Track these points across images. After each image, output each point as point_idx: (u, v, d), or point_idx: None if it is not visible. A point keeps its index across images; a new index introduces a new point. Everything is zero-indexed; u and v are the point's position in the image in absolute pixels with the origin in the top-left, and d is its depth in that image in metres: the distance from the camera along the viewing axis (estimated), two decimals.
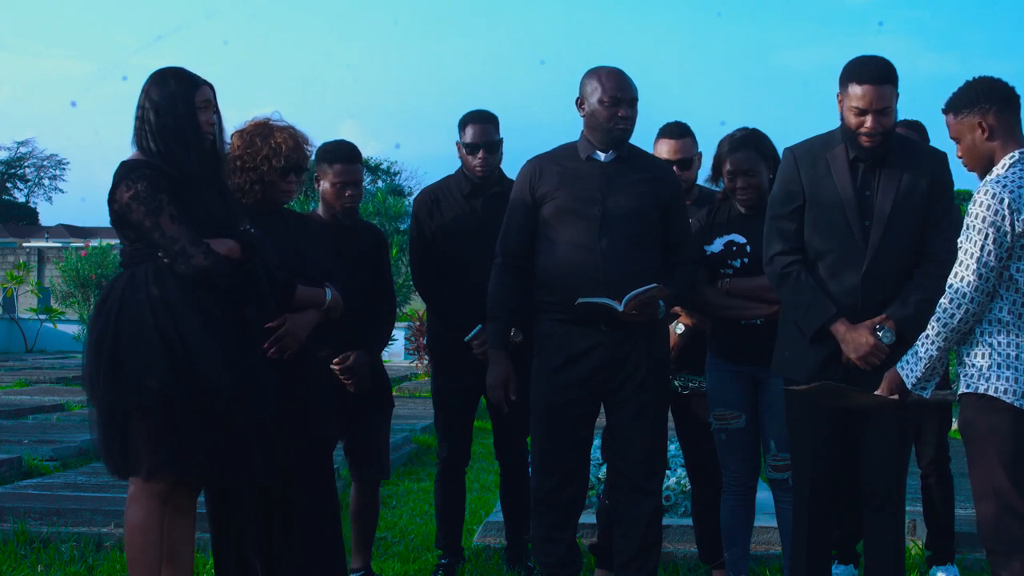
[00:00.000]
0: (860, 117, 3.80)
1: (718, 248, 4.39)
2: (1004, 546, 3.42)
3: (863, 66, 3.82)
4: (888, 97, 3.80)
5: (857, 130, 3.82)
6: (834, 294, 3.88)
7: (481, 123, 4.89)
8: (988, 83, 3.56)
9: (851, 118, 3.83)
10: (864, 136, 3.81)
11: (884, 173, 3.87)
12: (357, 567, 4.69)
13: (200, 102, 3.63)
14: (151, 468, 3.49)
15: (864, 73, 3.80)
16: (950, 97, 3.59)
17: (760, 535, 5.07)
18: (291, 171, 4.00)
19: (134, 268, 3.57)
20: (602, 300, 3.98)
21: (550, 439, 4.13)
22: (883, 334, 3.83)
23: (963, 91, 3.57)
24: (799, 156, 3.97)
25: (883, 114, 3.79)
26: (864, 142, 3.82)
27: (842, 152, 3.89)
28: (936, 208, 3.88)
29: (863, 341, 3.81)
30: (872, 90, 3.77)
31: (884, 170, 3.87)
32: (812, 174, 3.92)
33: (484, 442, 7.61)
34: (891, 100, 3.81)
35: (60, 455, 7.64)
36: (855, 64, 3.84)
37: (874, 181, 3.88)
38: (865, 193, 3.87)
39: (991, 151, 3.53)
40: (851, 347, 3.83)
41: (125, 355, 3.48)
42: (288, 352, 3.88)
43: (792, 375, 3.96)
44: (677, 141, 4.72)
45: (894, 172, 3.87)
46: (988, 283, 3.44)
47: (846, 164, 3.88)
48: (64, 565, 4.93)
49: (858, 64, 3.84)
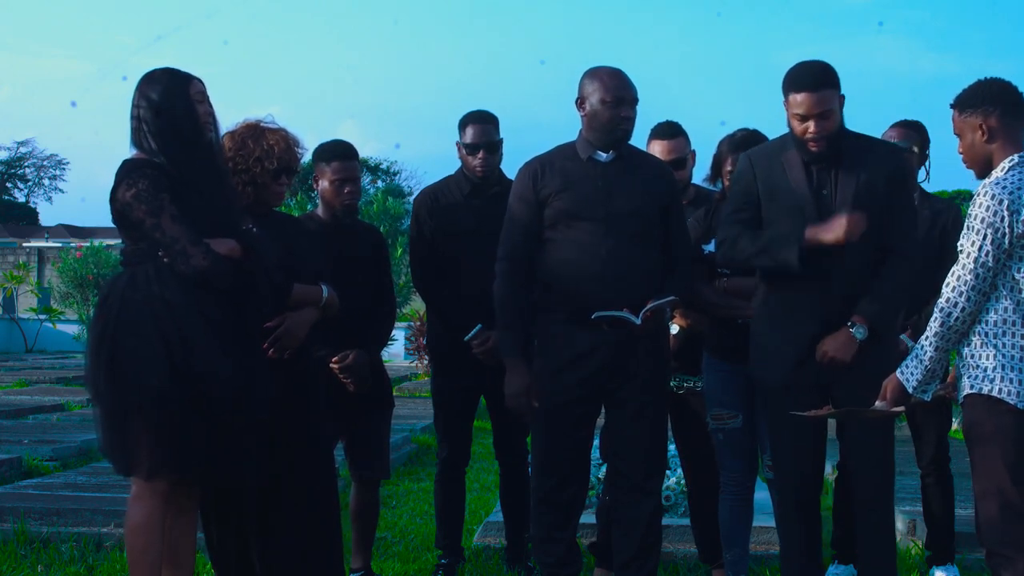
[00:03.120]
0: (803, 124, 3.87)
1: (716, 247, 4.40)
2: (1008, 549, 3.42)
3: (800, 74, 3.90)
4: (827, 100, 3.86)
5: (803, 136, 3.88)
6: (798, 294, 3.93)
7: (481, 123, 4.89)
8: (998, 86, 3.57)
9: (795, 125, 3.90)
10: (810, 141, 3.88)
11: (842, 171, 3.92)
12: (357, 567, 4.70)
13: (195, 95, 3.64)
14: (151, 468, 3.49)
15: (801, 81, 3.87)
16: (960, 93, 3.60)
17: (759, 535, 5.07)
18: (283, 173, 4.00)
19: (135, 268, 3.56)
20: (620, 314, 3.99)
21: (550, 439, 4.13)
22: (855, 330, 3.86)
23: (972, 90, 3.58)
24: (755, 160, 4.04)
25: (824, 118, 3.85)
26: (811, 147, 3.89)
27: (796, 155, 3.95)
28: (897, 202, 3.94)
29: (837, 225, 3.80)
30: (810, 97, 3.84)
31: (841, 168, 3.92)
32: (768, 177, 3.99)
33: (484, 442, 7.61)
34: (831, 103, 3.87)
35: (60, 455, 7.65)
36: (793, 72, 3.91)
37: (830, 180, 3.93)
38: (822, 192, 3.93)
39: (988, 153, 3.54)
40: (830, 235, 3.81)
41: (125, 355, 3.48)
42: (287, 351, 3.88)
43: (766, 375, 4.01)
44: (670, 141, 4.72)
45: (851, 169, 3.92)
46: (985, 283, 3.46)
47: (801, 165, 3.94)
48: (64, 565, 4.93)
49: (796, 72, 3.91)
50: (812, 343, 3.92)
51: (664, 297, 4.04)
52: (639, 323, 3.99)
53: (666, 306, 4.07)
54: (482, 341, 4.73)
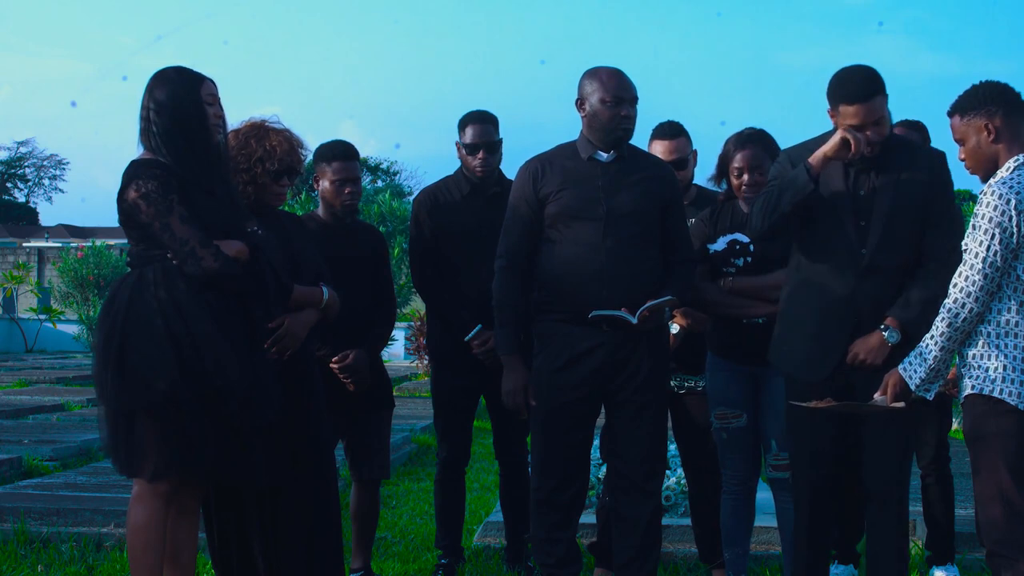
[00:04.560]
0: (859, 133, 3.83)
1: (721, 247, 4.40)
2: (1009, 549, 3.42)
3: (849, 84, 3.84)
4: (879, 108, 3.84)
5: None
6: (831, 294, 3.90)
7: (481, 123, 4.89)
8: (995, 87, 3.59)
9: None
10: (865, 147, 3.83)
11: (882, 174, 3.89)
12: (357, 567, 4.69)
13: (206, 97, 3.62)
14: (157, 469, 3.49)
15: (851, 93, 3.83)
16: (956, 100, 3.61)
17: (760, 535, 5.07)
18: (284, 174, 3.99)
19: (142, 269, 3.55)
20: (616, 312, 3.99)
21: (550, 439, 4.13)
22: (888, 334, 3.84)
23: (970, 94, 3.59)
24: (794, 158, 4.00)
25: (878, 124, 3.84)
26: (865, 153, 3.85)
27: None
28: (936, 208, 3.90)
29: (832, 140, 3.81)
30: (863, 108, 3.81)
31: (882, 170, 3.89)
32: None
33: (484, 442, 7.61)
34: (882, 110, 3.85)
35: (60, 455, 7.64)
36: (841, 82, 3.86)
37: (869, 182, 3.90)
38: (859, 193, 3.90)
39: (996, 154, 3.54)
40: (827, 150, 3.83)
41: (133, 356, 3.46)
42: (288, 352, 3.88)
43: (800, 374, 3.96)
44: (671, 141, 4.72)
45: (892, 172, 3.89)
46: (993, 283, 3.46)
47: (840, 166, 3.91)
48: (64, 565, 4.93)
49: (843, 81, 3.86)
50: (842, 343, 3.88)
51: (662, 297, 4.04)
52: (636, 322, 3.99)
53: (664, 306, 4.06)
54: (482, 341, 4.73)
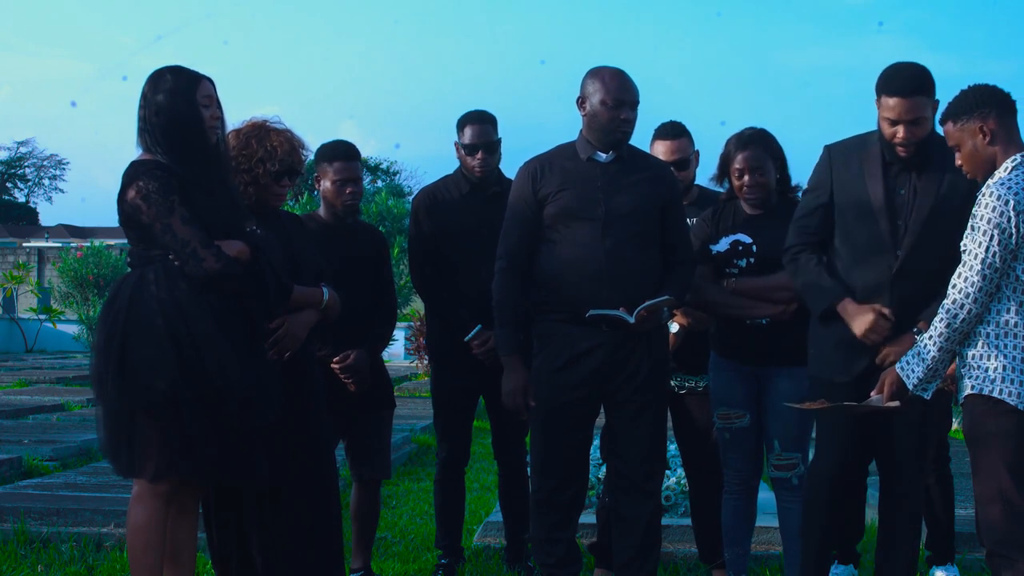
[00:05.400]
0: (893, 128, 3.81)
1: (724, 247, 4.39)
2: (1009, 549, 3.42)
3: (895, 77, 3.81)
4: (921, 108, 3.79)
5: (891, 140, 3.83)
6: (864, 293, 3.89)
7: (479, 123, 4.88)
8: (985, 89, 3.58)
9: (885, 127, 3.84)
10: (898, 146, 3.83)
11: (923, 175, 3.87)
12: (357, 567, 4.69)
13: (202, 99, 3.60)
14: (158, 469, 3.48)
15: (895, 85, 3.80)
16: (947, 106, 3.61)
17: (760, 535, 5.06)
18: (285, 175, 3.99)
19: (143, 269, 3.54)
20: (614, 312, 3.99)
21: (550, 440, 4.13)
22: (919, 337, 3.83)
23: (961, 99, 3.58)
24: (834, 155, 4.00)
25: (915, 124, 3.79)
26: (899, 152, 3.84)
27: (876, 152, 3.90)
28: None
29: (863, 319, 3.83)
30: (902, 103, 3.77)
31: (923, 171, 3.87)
32: (844, 174, 3.95)
33: (484, 442, 7.61)
34: (924, 110, 3.80)
35: (60, 455, 7.64)
36: (888, 74, 3.83)
37: (909, 182, 3.88)
38: (899, 192, 3.88)
39: (993, 155, 3.54)
40: (853, 325, 3.85)
41: (134, 356, 3.46)
42: (287, 353, 3.88)
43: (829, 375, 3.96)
44: (673, 141, 4.71)
45: (934, 173, 3.86)
46: (991, 284, 3.46)
47: (879, 165, 3.89)
48: (64, 565, 4.93)
49: (891, 74, 3.83)
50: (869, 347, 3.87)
51: (659, 297, 4.03)
52: (633, 322, 3.99)
53: (661, 306, 4.06)
54: (482, 342, 4.73)
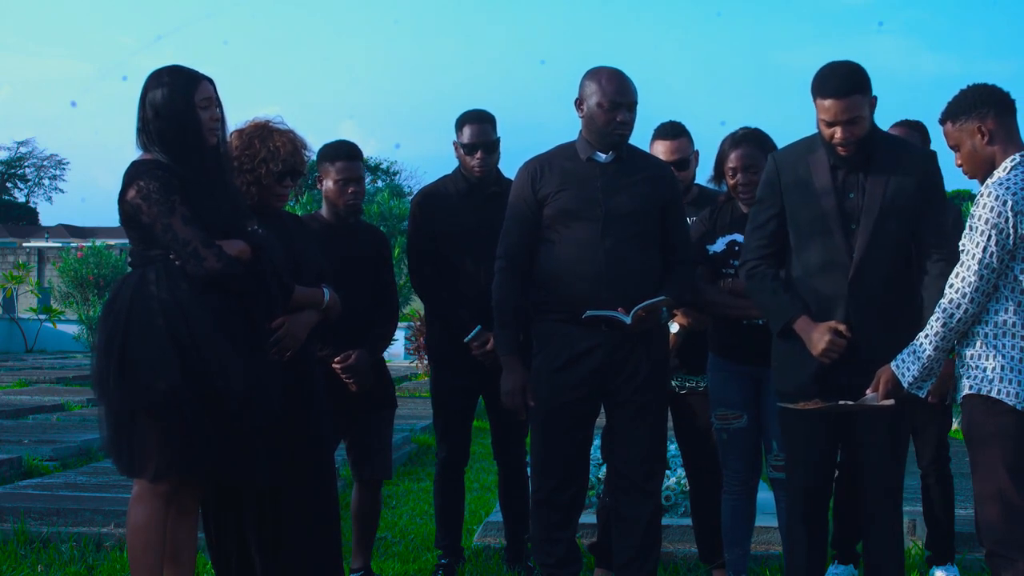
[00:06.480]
0: (830, 129, 3.77)
1: (721, 248, 4.40)
2: (1009, 549, 3.42)
3: (829, 78, 3.77)
4: (857, 107, 3.74)
5: (831, 141, 3.79)
6: (822, 299, 3.84)
7: (478, 123, 4.88)
8: (984, 89, 3.57)
9: (823, 129, 3.80)
10: (838, 147, 3.79)
11: (871, 175, 3.81)
12: (357, 567, 4.69)
13: (201, 100, 3.59)
14: (158, 469, 3.49)
15: (829, 86, 3.75)
16: (946, 106, 3.60)
17: (760, 535, 5.07)
18: (287, 175, 3.99)
19: (144, 269, 3.54)
20: (611, 313, 3.98)
21: (550, 440, 4.13)
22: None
23: (959, 99, 3.57)
24: (780, 162, 3.95)
25: (853, 123, 3.74)
26: (840, 152, 3.80)
27: (823, 156, 3.85)
28: (932, 208, 3.83)
29: (820, 339, 3.78)
30: (837, 103, 3.72)
31: (870, 172, 3.82)
32: (793, 180, 3.89)
33: (484, 442, 7.60)
34: (860, 109, 3.75)
35: (60, 455, 7.64)
36: (822, 75, 3.79)
37: (858, 183, 3.82)
38: (848, 195, 3.83)
39: (992, 155, 3.54)
40: (810, 345, 3.80)
41: (135, 356, 3.46)
42: (288, 353, 3.88)
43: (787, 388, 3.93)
44: (673, 141, 4.71)
45: (881, 173, 3.81)
46: (988, 284, 3.46)
47: (827, 168, 3.84)
48: (64, 565, 4.93)
49: (825, 75, 3.78)
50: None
51: (656, 297, 4.03)
52: (630, 322, 3.99)
53: (659, 306, 4.05)
54: (482, 342, 4.73)
